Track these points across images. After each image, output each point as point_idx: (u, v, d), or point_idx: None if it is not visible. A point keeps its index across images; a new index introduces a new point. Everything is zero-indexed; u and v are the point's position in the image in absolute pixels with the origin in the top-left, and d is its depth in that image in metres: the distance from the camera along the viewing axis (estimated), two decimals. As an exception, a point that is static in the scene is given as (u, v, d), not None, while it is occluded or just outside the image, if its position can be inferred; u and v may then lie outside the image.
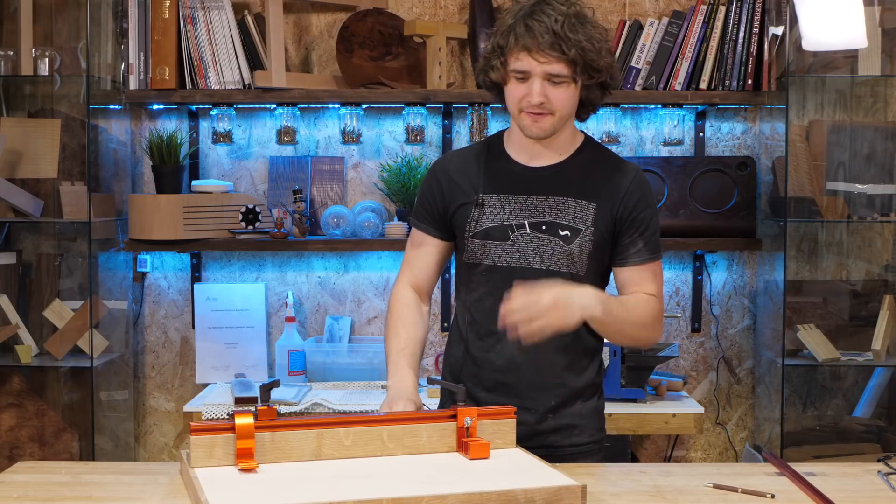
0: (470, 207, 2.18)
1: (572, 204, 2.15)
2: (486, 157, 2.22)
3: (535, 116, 2.10)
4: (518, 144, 2.20)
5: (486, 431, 2.03)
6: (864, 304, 3.52)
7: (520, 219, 2.16)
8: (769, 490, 1.95)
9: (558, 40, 2.03)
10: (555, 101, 2.09)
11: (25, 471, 2.13)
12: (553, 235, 2.14)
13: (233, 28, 3.38)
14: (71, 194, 3.34)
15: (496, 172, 2.20)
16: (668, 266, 3.61)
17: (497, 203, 2.17)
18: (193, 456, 1.90)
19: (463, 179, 2.21)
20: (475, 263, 2.19)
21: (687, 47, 3.37)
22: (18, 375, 3.42)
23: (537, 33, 2.04)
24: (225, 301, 3.50)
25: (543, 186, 2.17)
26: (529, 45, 2.04)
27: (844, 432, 3.51)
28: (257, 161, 3.60)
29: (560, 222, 2.14)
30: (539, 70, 2.06)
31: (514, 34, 2.07)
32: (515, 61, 2.07)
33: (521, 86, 2.09)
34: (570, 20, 2.05)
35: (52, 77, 3.37)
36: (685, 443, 3.66)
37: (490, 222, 2.17)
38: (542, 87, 2.07)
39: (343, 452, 1.97)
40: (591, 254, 2.15)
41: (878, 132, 3.47)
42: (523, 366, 2.17)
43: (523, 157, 2.20)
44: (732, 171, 3.43)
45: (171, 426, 3.66)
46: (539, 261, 2.15)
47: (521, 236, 2.15)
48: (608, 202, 2.16)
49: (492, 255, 2.17)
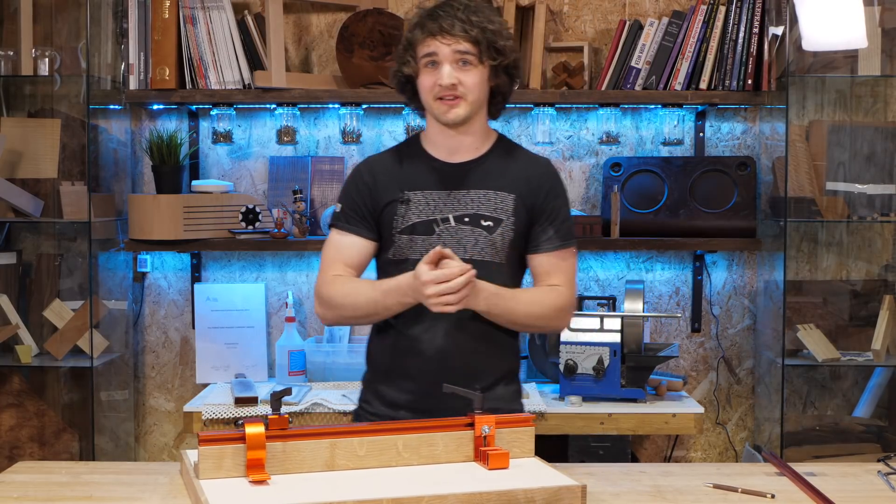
0: (396, 205, 2.29)
1: (493, 196, 2.29)
2: (408, 157, 2.35)
3: (450, 102, 2.23)
4: (437, 142, 2.33)
5: (504, 440, 2.00)
6: (864, 304, 3.53)
7: (444, 213, 2.28)
8: (769, 490, 1.95)
9: (461, 23, 2.20)
10: (466, 84, 2.22)
11: (25, 471, 2.13)
12: (476, 226, 2.27)
13: (233, 28, 3.38)
14: (71, 194, 3.34)
15: (418, 170, 2.32)
16: (668, 266, 3.61)
17: (422, 199, 2.29)
18: (202, 467, 1.86)
19: (388, 179, 2.31)
20: (402, 259, 2.28)
21: (687, 47, 3.37)
22: (18, 375, 3.42)
23: (442, 20, 2.21)
24: (225, 301, 3.50)
25: (464, 180, 2.30)
26: (435, 30, 2.21)
27: (844, 432, 3.51)
28: (257, 161, 3.60)
29: (482, 213, 2.27)
30: (447, 51, 2.21)
31: (420, 25, 2.24)
32: (425, 48, 2.23)
33: (433, 72, 2.23)
34: (470, 7, 2.23)
35: (52, 77, 3.37)
36: (685, 443, 3.67)
37: (416, 218, 2.28)
38: (452, 70, 2.21)
39: (357, 463, 1.94)
40: (512, 242, 2.29)
41: (878, 132, 3.47)
42: (451, 354, 2.25)
43: (443, 154, 2.32)
44: (732, 171, 3.43)
45: (171, 426, 3.66)
46: (463, 251, 2.25)
47: (446, 229, 2.27)
48: (525, 193, 2.30)
49: (419, 249, 2.26)
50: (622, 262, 3.61)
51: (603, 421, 3.10)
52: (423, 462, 1.97)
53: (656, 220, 3.42)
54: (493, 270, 2.25)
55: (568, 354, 3.13)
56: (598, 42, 3.56)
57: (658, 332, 3.62)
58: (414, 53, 2.26)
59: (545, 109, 3.45)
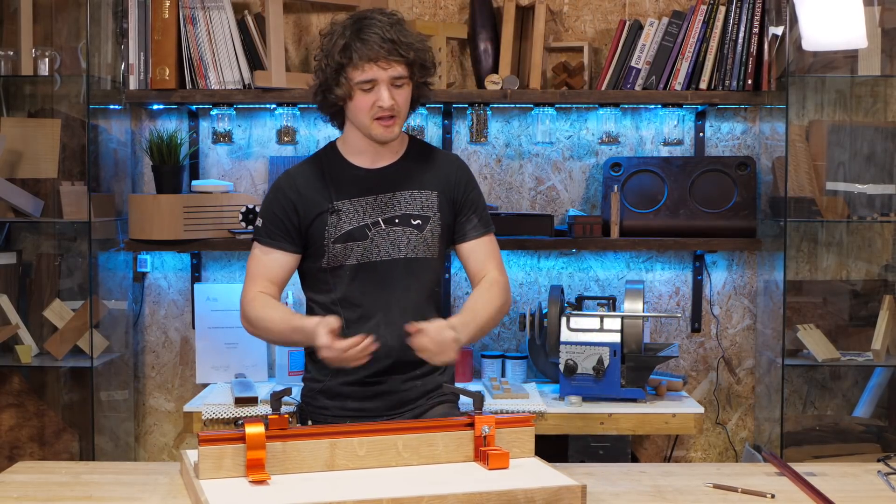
0: (325, 216, 2.40)
1: (417, 195, 2.45)
2: (329, 168, 2.45)
3: (387, 122, 2.34)
4: (357, 150, 2.45)
5: (504, 440, 2.01)
6: (864, 304, 3.53)
7: (374, 217, 2.41)
8: (769, 490, 1.95)
9: (395, 46, 2.28)
10: (399, 103, 2.34)
11: (25, 471, 2.13)
12: (406, 226, 2.42)
13: (233, 28, 3.38)
14: (71, 194, 3.34)
15: (343, 180, 2.43)
16: (668, 266, 3.61)
17: (350, 207, 2.41)
18: (202, 467, 1.86)
19: (312, 193, 2.42)
20: (337, 266, 2.41)
21: (687, 47, 3.37)
22: (18, 375, 3.42)
23: (375, 44, 2.27)
24: (225, 301, 3.50)
25: (388, 184, 2.44)
26: (371, 56, 2.27)
27: (844, 432, 3.51)
28: (257, 161, 3.60)
29: (411, 213, 2.43)
30: (384, 76, 2.30)
31: (353, 50, 2.29)
32: (361, 73, 2.29)
33: (368, 95, 2.32)
34: (395, 27, 2.31)
35: (52, 77, 3.37)
36: (685, 443, 3.67)
37: (348, 226, 2.40)
38: (389, 92, 2.31)
39: (357, 463, 1.94)
40: (441, 236, 2.46)
41: (878, 132, 3.47)
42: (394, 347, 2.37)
43: (365, 162, 2.45)
44: (732, 171, 3.43)
45: (171, 426, 3.66)
46: (398, 251, 2.41)
47: (378, 233, 2.41)
48: (446, 189, 2.47)
49: (354, 254, 2.40)
50: (622, 262, 3.61)
51: (603, 421, 3.10)
52: (424, 462, 1.97)
53: (656, 220, 3.42)
54: (427, 265, 2.45)
55: (568, 354, 3.13)
56: (598, 42, 3.56)
57: (658, 332, 3.62)
58: (347, 76, 2.31)
59: (545, 109, 3.45)
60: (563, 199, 3.60)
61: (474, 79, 3.46)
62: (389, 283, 2.41)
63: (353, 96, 2.33)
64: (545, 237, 3.39)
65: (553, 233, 3.41)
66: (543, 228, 3.40)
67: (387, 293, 2.41)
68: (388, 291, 2.41)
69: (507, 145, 3.59)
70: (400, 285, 2.42)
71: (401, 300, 2.42)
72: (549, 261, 3.60)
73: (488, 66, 3.40)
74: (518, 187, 3.60)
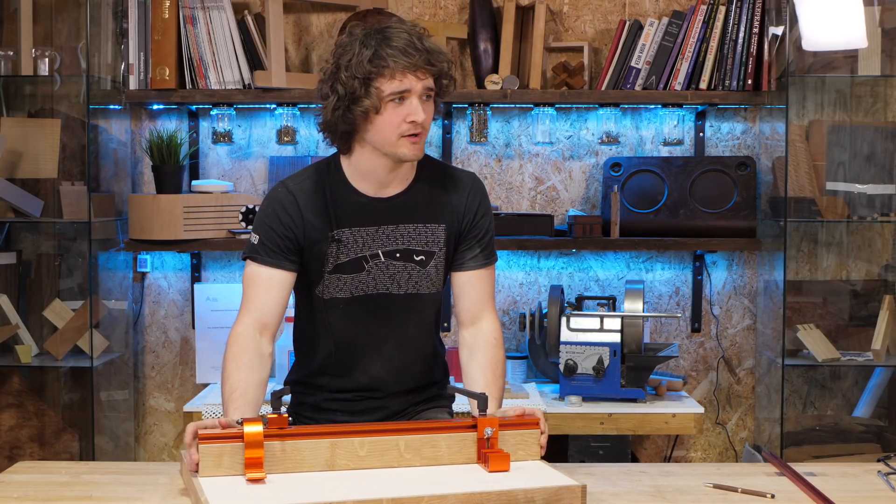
0: (325, 244, 2.19)
1: (423, 229, 2.23)
2: (331, 191, 2.21)
3: (415, 139, 2.11)
4: (363, 176, 2.21)
5: (508, 442, 2.00)
6: (864, 304, 3.53)
7: (373, 249, 2.21)
8: (769, 490, 1.95)
9: (429, 55, 2.08)
10: (427, 119, 2.11)
11: (25, 471, 2.13)
12: (408, 261, 2.22)
13: (233, 28, 3.38)
14: (71, 194, 3.34)
15: (345, 207, 2.21)
16: (668, 266, 3.61)
17: (350, 237, 2.20)
18: (201, 465, 1.86)
19: (314, 217, 2.19)
20: (329, 298, 2.23)
21: (687, 47, 3.37)
22: (18, 375, 3.42)
23: (408, 53, 2.05)
24: (225, 301, 3.50)
25: (393, 215, 2.21)
26: (408, 64, 2.05)
27: (844, 432, 3.51)
28: (257, 161, 3.60)
29: (413, 248, 2.22)
30: (419, 87, 2.08)
31: (387, 58, 2.05)
32: (397, 84, 2.06)
33: (399, 108, 2.08)
34: (421, 36, 2.10)
35: (52, 77, 3.37)
36: (685, 443, 3.67)
37: (345, 257, 2.20)
38: (421, 104, 2.09)
39: (358, 463, 1.93)
40: (445, 268, 2.27)
41: (878, 132, 3.47)
42: (387, 380, 2.28)
43: (371, 189, 2.21)
44: (732, 171, 3.43)
45: (171, 426, 3.66)
46: (397, 286, 2.23)
47: (375, 265, 2.21)
48: (454, 219, 2.25)
49: (349, 287, 2.21)
50: (622, 262, 3.61)
51: (603, 421, 3.10)
52: (426, 463, 1.96)
53: (656, 220, 3.42)
54: (429, 299, 2.27)
55: (568, 354, 3.13)
56: (598, 42, 3.56)
57: (658, 332, 3.62)
58: (375, 87, 2.07)
59: (545, 109, 3.45)
60: (563, 199, 3.60)
61: (474, 79, 3.46)
62: (386, 317, 2.24)
63: (380, 110, 2.08)
64: (545, 237, 3.39)
65: (553, 233, 3.41)
66: (543, 228, 3.40)
67: (384, 328, 2.25)
68: (384, 326, 2.25)
69: (507, 145, 3.59)
70: (398, 320, 2.25)
71: (397, 334, 2.25)
72: (549, 261, 3.60)
73: (488, 66, 3.41)
74: (518, 187, 3.60)
